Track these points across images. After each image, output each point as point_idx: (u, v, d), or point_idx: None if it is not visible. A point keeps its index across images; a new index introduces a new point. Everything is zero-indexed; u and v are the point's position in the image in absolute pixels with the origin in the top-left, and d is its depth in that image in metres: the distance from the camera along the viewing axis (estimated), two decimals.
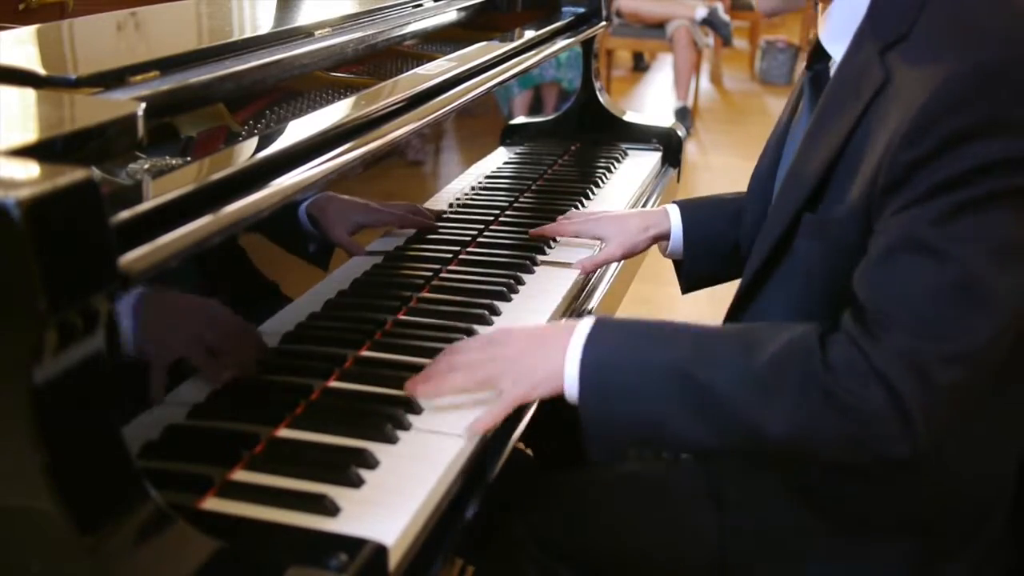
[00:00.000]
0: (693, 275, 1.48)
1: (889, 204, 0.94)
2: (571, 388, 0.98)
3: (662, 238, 1.46)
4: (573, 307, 1.41)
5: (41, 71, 0.98)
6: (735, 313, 1.22)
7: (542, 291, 1.39)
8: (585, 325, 1.00)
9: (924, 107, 0.91)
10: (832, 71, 1.10)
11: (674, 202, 1.48)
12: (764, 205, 1.22)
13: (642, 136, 2.17)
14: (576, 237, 1.52)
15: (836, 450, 0.94)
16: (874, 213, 0.96)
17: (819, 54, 1.14)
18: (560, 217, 1.58)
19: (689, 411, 0.94)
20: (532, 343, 1.02)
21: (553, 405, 1.19)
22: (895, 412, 0.90)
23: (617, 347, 0.98)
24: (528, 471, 1.50)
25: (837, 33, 1.08)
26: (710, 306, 3.50)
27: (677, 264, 1.49)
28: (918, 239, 0.91)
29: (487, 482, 1.03)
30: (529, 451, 1.61)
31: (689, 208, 1.46)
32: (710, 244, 1.44)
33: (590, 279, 1.51)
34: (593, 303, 1.47)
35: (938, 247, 0.90)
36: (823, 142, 1.03)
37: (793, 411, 0.92)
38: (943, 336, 0.90)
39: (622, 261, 1.55)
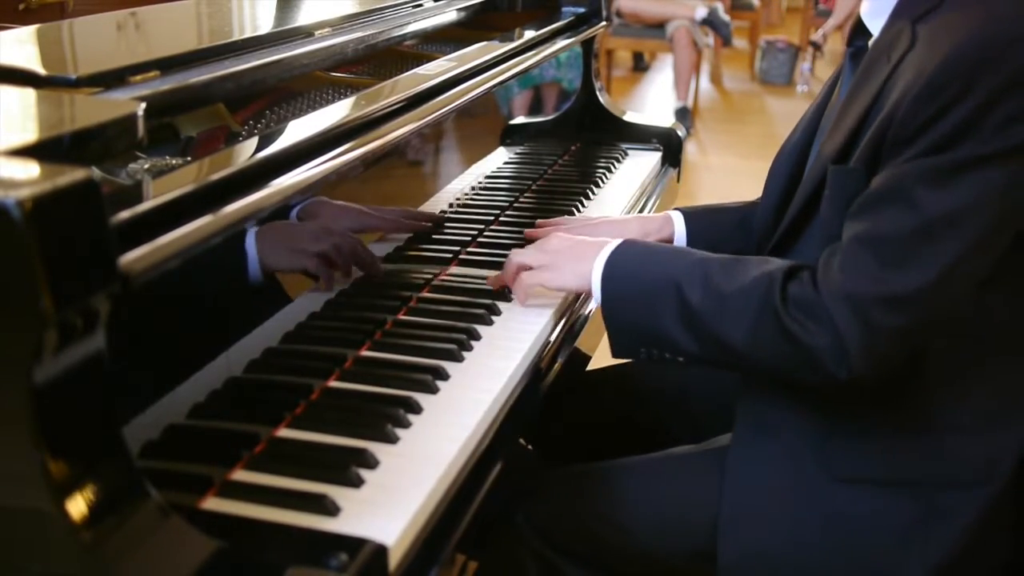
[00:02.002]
0: None
1: (894, 159, 1.02)
2: (596, 292, 1.17)
3: None
4: (572, 308, 1.40)
5: (41, 71, 0.98)
6: None
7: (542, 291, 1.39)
8: (613, 244, 1.19)
9: (937, 69, 0.98)
10: (870, 46, 1.15)
11: (677, 209, 1.48)
12: (785, 180, 1.26)
13: (642, 136, 2.17)
14: None
15: (786, 369, 1.06)
16: (881, 165, 1.03)
17: (860, 31, 1.19)
18: (555, 221, 1.55)
19: (677, 320, 1.10)
20: (573, 253, 1.22)
21: (553, 402, 1.19)
22: (833, 346, 1.01)
23: (632, 261, 1.16)
24: (530, 466, 1.50)
25: (877, 9, 1.14)
26: None
27: None
28: (902, 191, 1.00)
29: (488, 481, 1.03)
30: (530, 447, 1.61)
31: (693, 215, 1.45)
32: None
33: None
34: (591, 305, 1.46)
35: (915, 200, 0.99)
36: (855, 106, 1.10)
37: (750, 332, 1.06)
38: (888, 281, 0.99)
39: None
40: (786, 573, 1.14)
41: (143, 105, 0.84)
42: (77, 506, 0.70)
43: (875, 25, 1.14)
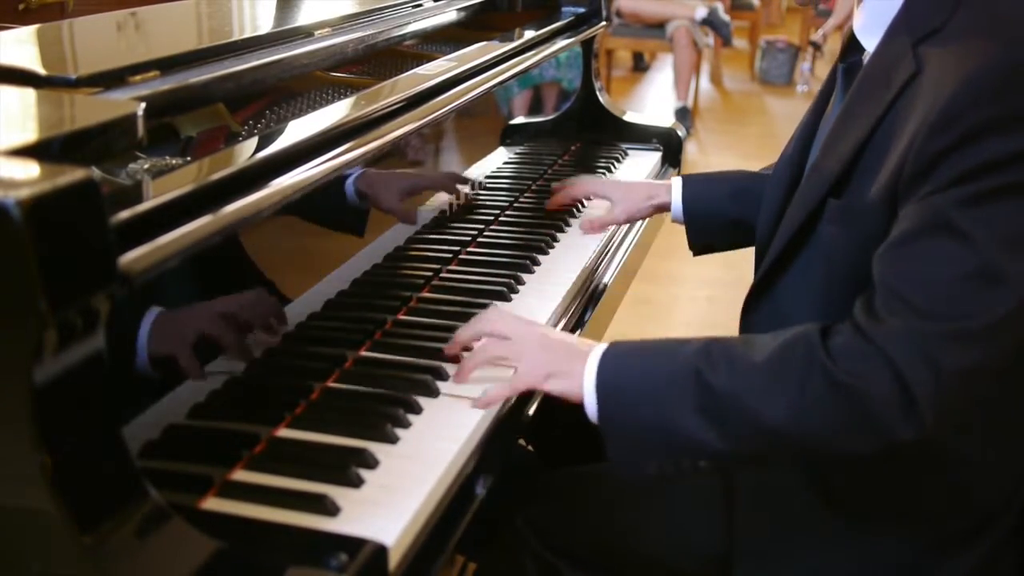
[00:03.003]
0: (695, 243, 1.56)
1: (914, 192, 0.95)
2: (591, 407, 1.02)
3: (665, 208, 1.56)
4: (571, 308, 1.41)
5: (41, 71, 0.98)
6: (754, 299, 1.22)
7: (541, 292, 1.39)
8: (600, 348, 1.04)
9: (953, 97, 0.92)
10: (865, 63, 1.10)
11: (679, 175, 1.57)
12: (785, 191, 1.23)
13: (642, 136, 2.17)
14: (586, 197, 1.67)
15: (842, 437, 0.94)
16: (899, 201, 0.97)
17: (853, 46, 1.14)
18: (570, 181, 1.69)
19: (697, 412, 0.96)
20: (555, 357, 1.06)
21: (553, 403, 1.19)
22: (899, 393, 0.90)
23: (629, 362, 1.02)
24: (529, 468, 1.50)
25: (872, 25, 1.09)
26: (710, 307, 3.51)
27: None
28: (942, 221, 0.92)
29: (487, 481, 1.03)
30: (530, 448, 1.61)
31: (691, 182, 1.54)
32: (707, 218, 1.52)
33: (589, 280, 1.51)
34: (589, 310, 1.46)
35: (960, 230, 0.91)
36: (852, 130, 1.05)
37: (797, 400, 0.93)
38: (951, 319, 0.91)
39: (622, 257, 1.58)
40: None
41: (143, 105, 0.84)
42: (77, 506, 0.70)
43: (869, 42, 1.09)
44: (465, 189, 1.60)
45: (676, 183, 1.54)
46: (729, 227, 1.49)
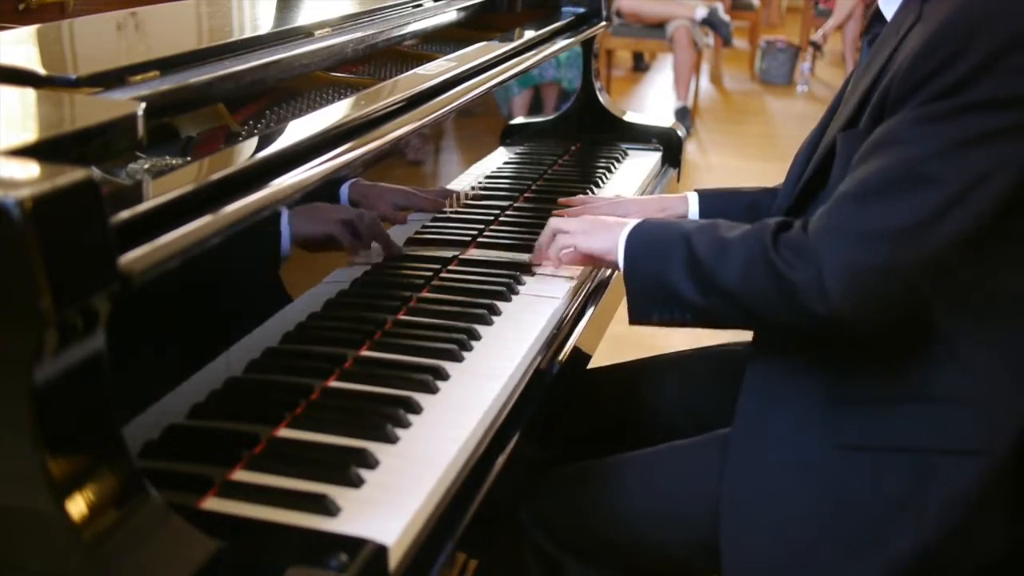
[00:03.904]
0: None
1: (896, 114, 1.06)
2: (620, 254, 1.25)
3: None
4: (573, 306, 1.41)
5: (41, 71, 0.98)
6: None
7: (542, 291, 1.40)
8: (634, 220, 1.28)
9: (939, 27, 1.03)
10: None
11: (695, 190, 1.56)
12: (805, 162, 1.29)
13: (642, 136, 2.17)
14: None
15: (773, 309, 1.11)
16: (884, 120, 1.07)
17: (877, 19, 1.25)
18: (579, 199, 1.66)
19: (684, 269, 1.17)
20: (604, 224, 1.33)
21: (553, 402, 1.19)
22: (814, 280, 1.05)
23: (654, 226, 1.26)
24: (531, 464, 1.50)
25: None
26: None
27: None
28: (893, 135, 1.05)
29: (488, 481, 1.03)
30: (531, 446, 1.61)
31: (707, 197, 1.55)
32: None
33: (591, 279, 1.51)
34: (590, 308, 1.46)
35: (902, 141, 1.04)
36: (866, 76, 1.16)
37: (742, 273, 1.12)
38: (867, 217, 1.04)
39: None
40: (786, 546, 1.15)
41: (143, 105, 0.84)
42: (77, 506, 0.70)
43: (890, 11, 1.19)
44: (465, 191, 1.59)
45: (692, 197, 1.54)
46: None
